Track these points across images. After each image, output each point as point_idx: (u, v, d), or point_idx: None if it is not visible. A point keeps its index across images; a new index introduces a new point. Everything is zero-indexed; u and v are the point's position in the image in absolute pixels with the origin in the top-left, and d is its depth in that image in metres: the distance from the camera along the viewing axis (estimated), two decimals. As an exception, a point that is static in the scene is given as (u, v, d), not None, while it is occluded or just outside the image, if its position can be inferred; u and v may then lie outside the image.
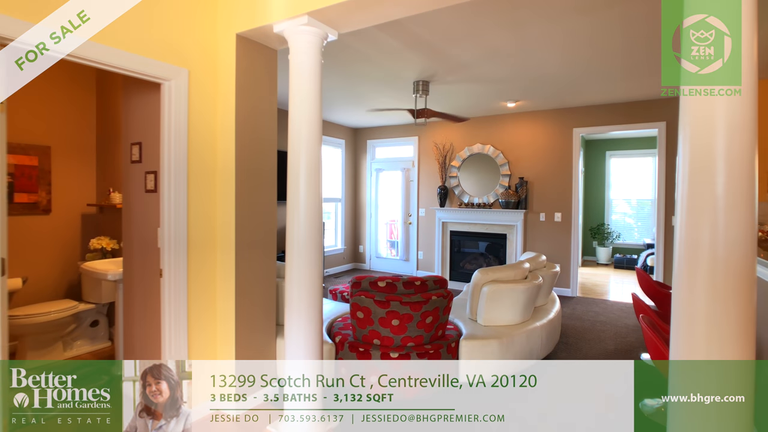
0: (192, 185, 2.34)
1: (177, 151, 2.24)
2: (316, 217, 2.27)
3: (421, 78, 4.26)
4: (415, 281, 2.61)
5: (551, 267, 3.65)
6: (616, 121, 5.28)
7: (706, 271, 1.27)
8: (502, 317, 2.95)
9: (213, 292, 2.48)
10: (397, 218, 7.19)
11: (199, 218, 2.39)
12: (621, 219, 8.44)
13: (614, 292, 5.81)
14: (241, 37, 2.40)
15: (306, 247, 2.23)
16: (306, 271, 2.23)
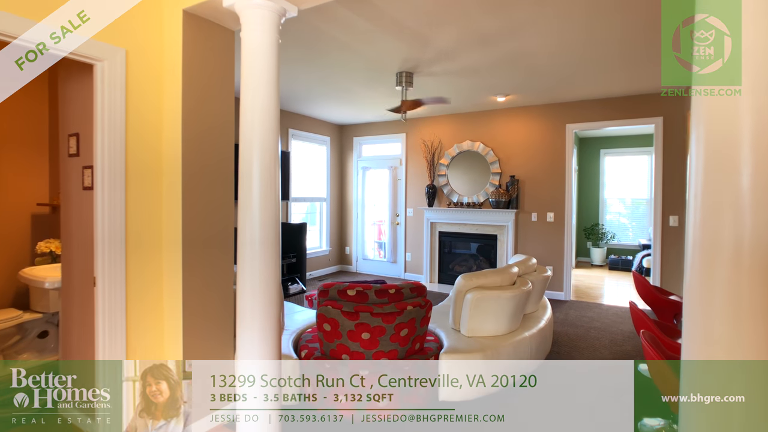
0: (132, 180, 2.06)
1: (112, 143, 1.96)
2: (271, 215, 1.99)
3: (404, 69, 3.99)
4: (389, 289, 2.34)
5: (542, 271, 3.40)
6: (611, 117, 5.04)
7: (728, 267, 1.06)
8: (487, 327, 2.69)
9: (160, 293, 2.21)
10: (384, 218, 6.92)
11: (142, 215, 2.11)
12: (615, 219, 8.23)
13: (609, 295, 5.58)
14: (189, 14, 2.12)
15: (260, 249, 1.96)
16: (260, 276, 1.96)
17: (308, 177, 6.63)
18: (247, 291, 1.96)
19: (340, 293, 2.33)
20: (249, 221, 1.96)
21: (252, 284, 1.96)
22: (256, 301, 1.96)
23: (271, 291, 2.00)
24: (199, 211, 2.24)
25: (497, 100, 5.14)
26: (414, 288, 2.43)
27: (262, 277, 1.97)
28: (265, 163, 1.97)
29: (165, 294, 2.23)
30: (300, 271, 5.77)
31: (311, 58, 3.73)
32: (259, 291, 1.97)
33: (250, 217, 1.95)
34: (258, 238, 1.96)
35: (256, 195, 1.96)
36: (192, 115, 2.18)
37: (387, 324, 2.23)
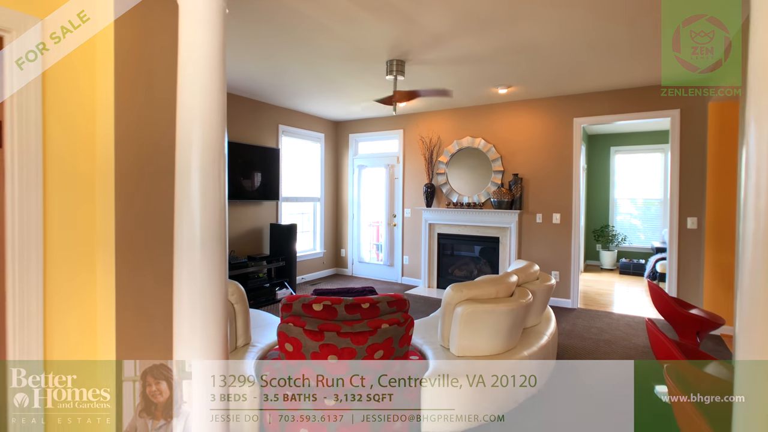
0: (54, 176, 1.74)
1: (25, 130, 1.64)
2: (216, 213, 1.66)
3: (395, 56, 3.65)
4: (362, 303, 2.00)
5: (545, 279, 3.04)
6: (622, 110, 4.65)
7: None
8: (480, 345, 2.33)
9: (93, 296, 1.90)
10: (381, 220, 6.57)
11: (68, 212, 1.79)
12: (626, 220, 7.80)
13: (620, 303, 5.18)
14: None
15: (202, 253, 1.63)
16: (201, 286, 1.64)
17: (301, 176, 6.31)
18: (185, 304, 1.63)
19: (304, 308, 1.99)
20: (187, 220, 1.63)
21: (191, 296, 1.63)
22: (196, 315, 1.63)
23: (215, 303, 1.68)
24: (139, 211, 1.91)
25: (498, 92, 4.77)
26: (393, 302, 2.09)
27: (204, 287, 1.65)
28: (207, 154, 1.64)
29: (99, 298, 1.91)
30: (289, 275, 5.45)
31: (293, 45, 3.41)
32: (200, 304, 1.64)
33: (188, 215, 1.62)
34: (198, 240, 1.63)
35: (196, 189, 1.63)
36: (128, 103, 1.85)
37: (357, 345, 1.89)
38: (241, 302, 2.40)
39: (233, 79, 4.42)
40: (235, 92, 5.02)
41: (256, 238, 5.50)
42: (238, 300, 2.38)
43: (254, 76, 4.31)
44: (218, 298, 1.70)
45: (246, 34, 3.22)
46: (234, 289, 2.37)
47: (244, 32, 3.20)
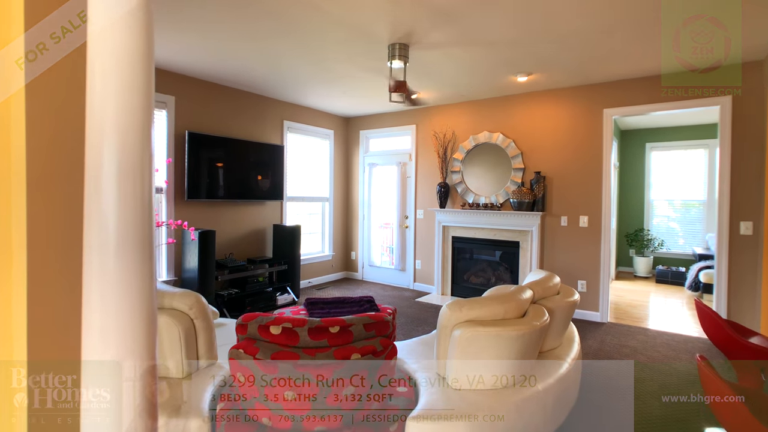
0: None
1: None
2: (136, 211, 1.32)
3: (397, 39, 3.26)
4: (330, 326, 1.62)
5: (568, 294, 2.57)
6: (659, 98, 4.09)
7: None
8: (482, 377, 1.91)
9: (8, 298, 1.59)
10: (392, 221, 6.19)
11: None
12: (663, 224, 7.11)
13: (657, 317, 4.59)
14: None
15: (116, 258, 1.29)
16: (116, 298, 1.30)
17: (309, 174, 6.00)
18: (95, 324, 1.30)
19: (261, 330, 1.64)
20: (96, 217, 1.29)
21: (104, 312, 1.30)
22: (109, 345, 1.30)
23: (135, 322, 1.34)
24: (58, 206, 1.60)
25: (517, 80, 4.30)
26: (370, 324, 1.70)
27: (120, 300, 1.31)
28: (125, 138, 1.30)
29: (13, 298, 1.61)
30: (292, 280, 5.14)
31: (285, 31, 3.08)
32: (114, 322, 1.31)
33: (97, 210, 1.29)
34: (113, 242, 1.29)
35: (111, 182, 1.29)
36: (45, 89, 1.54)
37: (321, 380, 1.52)
38: (203, 317, 2.07)
39: (232, 72, 4.14)
40: (236, 86, 4.75)
41: (258, 240, 5.22)
42: (198, 314, 2.06)
43: (251, 68, 4.01)
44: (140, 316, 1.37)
45: (235, 22, 2.91)
46: (193, 301, 2.04)
47: (233, 21, 2.89)
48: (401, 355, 2.38)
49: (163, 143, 4.20)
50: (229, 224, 4.87)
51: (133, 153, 1.34)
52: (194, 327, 2.06)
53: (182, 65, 4.01)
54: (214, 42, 3.37)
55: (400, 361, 2.33)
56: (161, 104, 4.16)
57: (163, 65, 4.03)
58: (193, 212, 4.47)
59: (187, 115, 4.39)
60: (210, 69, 4.12)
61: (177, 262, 4.34)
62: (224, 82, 4.62)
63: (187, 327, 2.01)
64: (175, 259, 4.32)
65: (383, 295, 5.48)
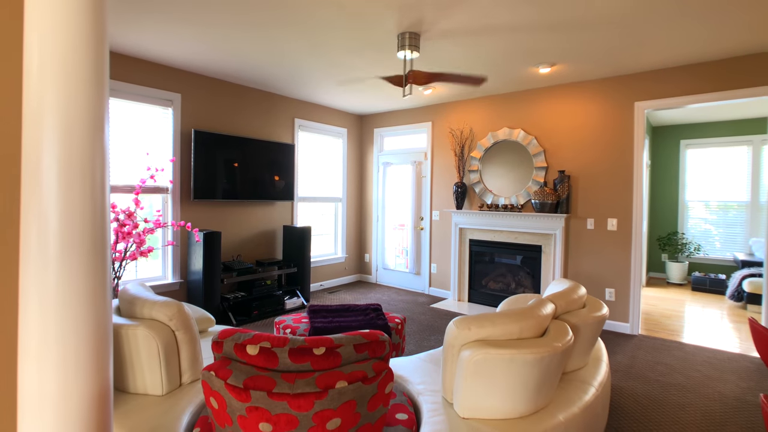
0: None
1: None
2: (84, 212, 1.15)
3: (406, 28, 3.03)
4: (315, 347, 1.41)
5: (595, 307, 2.28)
6: (699, 89, 3.71)
7: None
8: (494, 405, 1.66)
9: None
10: (407, 222, 5.95)
11: None
12: (699, 226, 6.61)
13: (695, 329, 4.20)
14: None
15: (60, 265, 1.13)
16: (58, 313, 1.14)
17: (321, 174, 5.83)
18: (32, 346, 1.13)
19: (237, 349, 1.44)
20: (36, 220, 1.13)
21: (44, 332, 1.13)
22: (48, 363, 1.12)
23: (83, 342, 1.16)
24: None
25: (539, 71, 3.99)
26: (363, 344, 1.48)
27: (63, 318, 1.14)
28: (69, 130, 1.13)
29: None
30: (301, 283, 4.97)
31: (288, 21, 2.89)
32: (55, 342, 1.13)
33: (37, 213, 1.12)
34: (55, 246, 1.13)
35: (52, 178, 1.13)
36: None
37: (300, 412, 1.30)
38: (185, 329, 1.89)
39: (238, 68, 3.99)
40: (244, 83, 4.62)
41: (267, 242, 5.08)
42: (180, 326, 1.88)
43: (257, 62, 3.85)
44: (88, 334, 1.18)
45: (237, 14, 2.74)
46: (174, 312, 1.87)
47: (234, 13, 2.72)
48: (405, 373, 2.15)
49: (168, 142, 4.09)
50: (238, 225, 4.74)
51: (82, 147, 1.16)
52: (176, 340, 1.89)
53: (188, 61, 3.89)
54: (213, 31, 3.22)
55: (403, 380, 2.10)
56: (167, 102, 4.05)
57: (169, 62, 3.91)
58: (200, 213, 4.35)
59: (194, 113, 4.28)
60: (216, 65, 3.98)
61: (183, 264, 4.22)
62: (232, 79, 4.49)
63: (168, 340, 1.84)
64: (181, 261, 4.21)
65: (397, 300, 5.25)
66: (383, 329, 2.87)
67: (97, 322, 1.18)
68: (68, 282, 1.13)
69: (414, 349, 3.52)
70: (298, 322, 3.04)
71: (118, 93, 3.72)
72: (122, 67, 3.72)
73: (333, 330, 2.79)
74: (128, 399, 1.79)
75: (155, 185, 3.99)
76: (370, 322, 2.90)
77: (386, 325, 2.90)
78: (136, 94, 3.83)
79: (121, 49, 3.58)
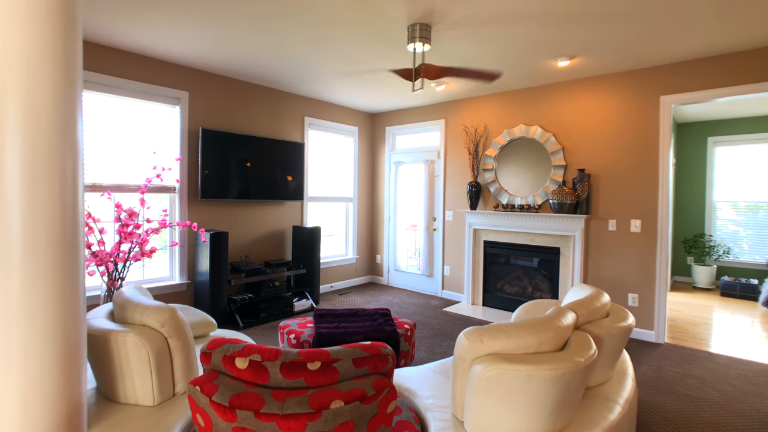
0: None
1: None
2: (53, 209, 1.05)
3: (417, 19, 2.88)
4: (310, 361, 1.28)
5: (620, 317, 2.10)
6: (731, 81, 3.47)
7: None
8: (509, 426, 1.51)
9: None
10: (419, 223, 5.80)
11: None
12: (726, 227, 6.28)
13: (725, 338, 3.94)
14: None
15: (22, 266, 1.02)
16: (21, 320, 1.03)
17: (332, 173, 5.72)
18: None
19: (225, 361, 1.32)
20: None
21: (4, 350, 1.03)
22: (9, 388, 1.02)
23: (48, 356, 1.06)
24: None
25: (558, 65, 3.80)
26: (363, 358, 1.34)
27: (28, 328, 1.04)
28: (34, 123, 1.03)
29: None
30: (311, 285, 4.87)
31: (290, 11, 2.77)
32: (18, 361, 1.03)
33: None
34: (18, 251, 1.02)
35: (14, 177, 1.02)
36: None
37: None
38: (178, 335, 1.79)
39: (246, 65, 3.89)
40: (253, 80, 4.53)
41: (276, 242, 4.99)
42: (173, 332, 1.77)
43: (264, 59, 3.76)
44: (57, 347, 1.08)
45: (236, 5, 2.64)
46: (167, 318, 1.76)
47: (234, 4, 2.62)
48: (413, 386, 2.01)
49: (176, 140, 4.03)
50: (246, 226, 4.66)
51: (49, 144, 1.05)
52: (168, 347, 1.78)
53: (194, 58, 3.82)
54: (215, 24, 3.13)
55: (410, 393, 1.96)
56: (174, 100, 3.99)
57: (175, 59, 3.85)
58: (208, 213, 4.28)
59: (202, 111, 4.21)
60: (223, 61, 3.90)
61: (190, 265, 4.16)
62: (240, 76, 4.41)
63: (159, 347, 1.73)
64: (188, 262, 4.15)
65: (408, 302, 5.10)
66: (391, 336, 2.74)
67: (66, 332, 1.08)
68: (33, 290, 1.02)
69: (425, 355, 3.37)
70: (303, 327, 2.92)
71: (124, 91, 3.67)
72: (128, 65, 3.67)
73: (338, 336, 2.66)
74: (118, 409, 1.70)
75: (162, 185, 3.93)
76: (378, 328, 2.76)
77: (395, 331, 2.76)
78: (143, 92, 3.78)
79: (126, 46, 3.53)
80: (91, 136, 3.50)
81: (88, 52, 3.44)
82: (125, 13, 2.87)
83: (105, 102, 3.57)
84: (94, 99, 3.51)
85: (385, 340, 2.69)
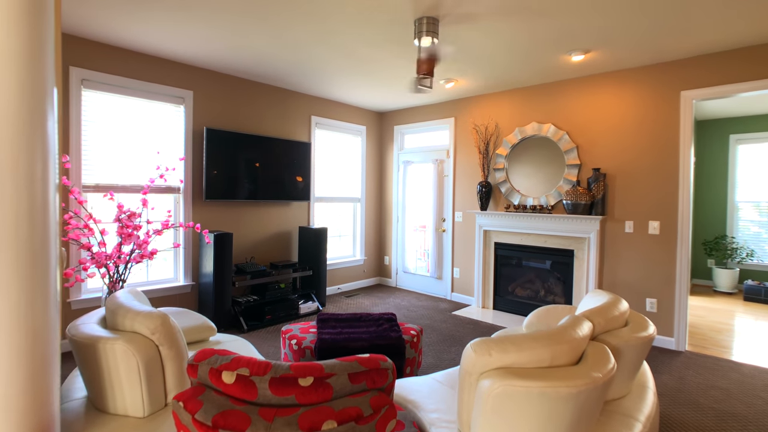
0: None
1: None
2: (25, 217, 0.96)
3: (423, 12, 2.77)
4: (301, 376, 1.18)
5: (640, 326, 1.96)
6: (757, 75, 3.28)
7: None
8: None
9: None
10: (428, 224, 5.67)
11: None
12: (748, 229, 6.02)
13: (750, 346, 3.74)
14: None
15: None
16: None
17: (339, 173, 5.63)
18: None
19: (212, 375, 1.22)
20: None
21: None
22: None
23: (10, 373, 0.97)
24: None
25: (572, 59, 3.65)
26: (360, 373, 1.23)
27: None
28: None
29: None
30: (317, 287, 4.78)
31: (291, 5, 2.69)
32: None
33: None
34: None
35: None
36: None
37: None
38: (170, 343, 1.70)
39: (251, 64, 3.82)
40: (258, 79, 4.47)
41: (282, 244, 4.92)
42: (164, 340, 1.69)
43: (269, 57, 3.68)
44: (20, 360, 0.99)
45: (245, 2, 2.57)
46: (157, 325, 1.68)
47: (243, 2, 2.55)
48: (418, 398, 1.90)
49: (180, 140, 3.98)
50: (251, 226, 4.59)
51: (12, 141, 0.97)
52: (160, 355, 1.70)
53: (199, 58, 3.76)
54: (217, 18, 3.06)
55: (414, 405, 1.85)
56: (178, 99, 3.94)
57: (180, 58, 3.80)
58: (212, 213, 4.23)
59: (207, 111, 4.16)
60: (227, 60, 3.84)
61: (194, 267, 4.11)
62: (245, 75, 4.35)
63: (150, 356, 1.65)
64: (193, 264, 4.09)
65: (417, 305, 4.99)
66: (396, 342, 2.63)
67: (32, 346, 0.99)
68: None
69: (432, 362, 3.25)
70: (305, 332, 2.83)
71: (127, 90, 3.62)
72: (132, 64, 3.63)
73: (341, 342, 2.56)
74: (106, 420, 1.62)
75: (166, 185, 3.89)
76: (382, 335, 2.65)
77: (400, 337, 2.65)
78: (147, 92, 3.73)
79: (130, 45, 3.48)
80: (95, 136, 3.46)
81: (92, 52, 3.40)
82: (128, 11, 2.81)
83: (108, 101, 3.53)
84: (98, 99, 3.47)
85: (389, 346, 2.58)
